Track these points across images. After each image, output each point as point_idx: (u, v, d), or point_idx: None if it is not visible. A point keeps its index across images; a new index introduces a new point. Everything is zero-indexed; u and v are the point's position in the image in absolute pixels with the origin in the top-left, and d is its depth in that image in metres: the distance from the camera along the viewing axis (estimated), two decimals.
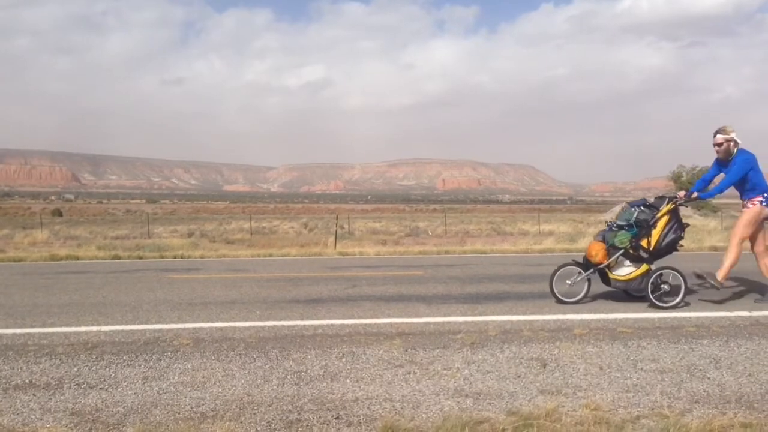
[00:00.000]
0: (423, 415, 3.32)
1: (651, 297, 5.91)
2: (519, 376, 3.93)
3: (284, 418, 3.30)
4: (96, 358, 4.43)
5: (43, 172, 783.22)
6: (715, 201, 45.27)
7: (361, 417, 3.29)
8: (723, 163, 6.20)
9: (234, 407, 3.46)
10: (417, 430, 3.11)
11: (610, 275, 6.13)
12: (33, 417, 3.38)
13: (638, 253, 6.06)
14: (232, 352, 4.51)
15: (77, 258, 13.27)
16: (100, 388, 3.81)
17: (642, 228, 6.05)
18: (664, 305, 5.89)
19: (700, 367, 4.07)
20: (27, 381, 3.97)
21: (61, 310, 6.36)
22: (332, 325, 5.43)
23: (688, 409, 3.36)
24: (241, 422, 3.24)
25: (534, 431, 3.03)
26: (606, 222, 6.46)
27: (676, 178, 44.17)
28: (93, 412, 3.43)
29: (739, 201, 6.26)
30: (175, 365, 4.24)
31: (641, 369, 4.05)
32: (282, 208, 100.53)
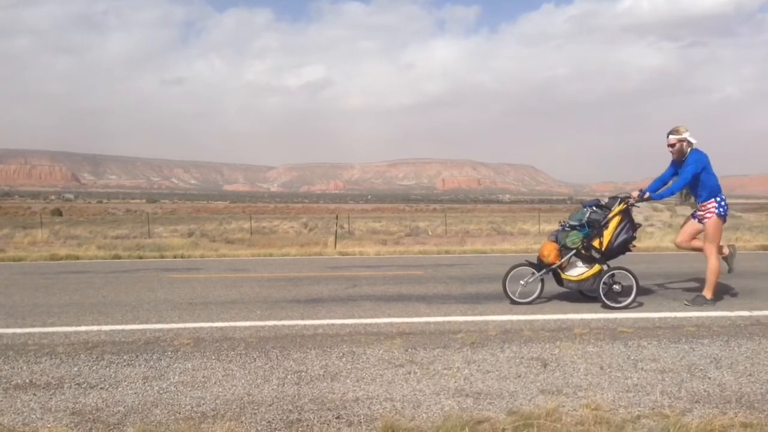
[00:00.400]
0: (423, 414, 3.32)
1: (603, 297, 5.90)
2: (519, 376, 3.93)
3: (285, 417, 3.30)
4: (96, 357, 4.42)
5: (42, 172, 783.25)
6: None
7: (362, 417, 3.29)
8: (678, 164, 6.21)
9: (234, 407, 3.46)
10: (417, 430, 3.11)
11: (563, 276, 6.12)
12: (33, 417, 3.38)
13: (590, 254, 6.06)
14: (232, 352, 4.51)
15: (77, 258, 13.27)
16: (101, 388, 3.81)
17: (594, 228, 6.04)
18: (617, 305, 5.89)
19: (701, 367, 4.07)
20: (27, 381, 3.97)
21: (62, 309, 6.36)
22: (332, 324, 5.43)
23: (689, 408, 3.36)
24: (242, 422, 3.24)
25: (534, 431, 3.03)
26: (560, 222, 6.45)
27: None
28: (93, 411, 3.43)
29: (740, 201, 6.26)
30: (176, 365, 4.24)
31: (642, 369, 4.04)
32: (282, 208, 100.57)
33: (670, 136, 6.11)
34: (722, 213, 6.06)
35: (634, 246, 6.29)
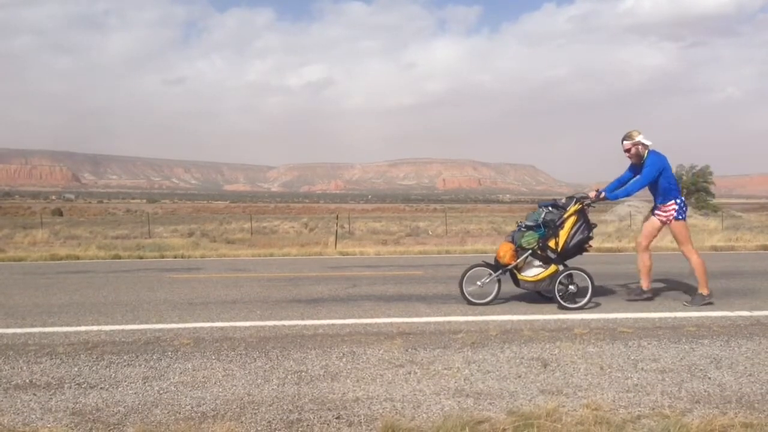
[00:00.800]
0: (423, 414, 3.32)
1: (558, 298, 5.90)
2: (519, 376, 3.93)
3: (285, 417, 3.30)
4: (96, 357, 4.43)
5: (43, 172, 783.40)
6: (715, 201, 45.29)
7: (362, 417, 3.29)
8: (637, 167, 6.21)
9: (234, 407, 3.46)
10: (417, 430, 3.11)
11: (519, 276, 6.11)
12: (34, 417, 3.38)
13: (546, 254, 6.04)
14: (232, 352, 4.51)
15: (77, 258, 13.28)
16: (101, 388, 3.81)
17: (549, 228, 6.03)
18: (572, 306, 5.88)
19: (701, 367, 4.07)
20: (27, 381, 3.97)
21: (62, 309, 6.37)
22: (333, 324, 5.43)
23: (689, 409, 3.36)
24: (242, 422, 3.24)
25: (534, 431, 3.02)
26: (517, 222, 6.43)
27: (676, 178, 44.20)
28: (93, 411, 3.43)
29: (741, 201, 6.29)
30: (176, 365, 4.24)
31: (642, 369, 4.04)
32: (282, 208, 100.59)
33: (624, 142, 6.13)
34: (682, 217, 6.06)
35: (591, 246, 6.27)
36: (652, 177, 6.01)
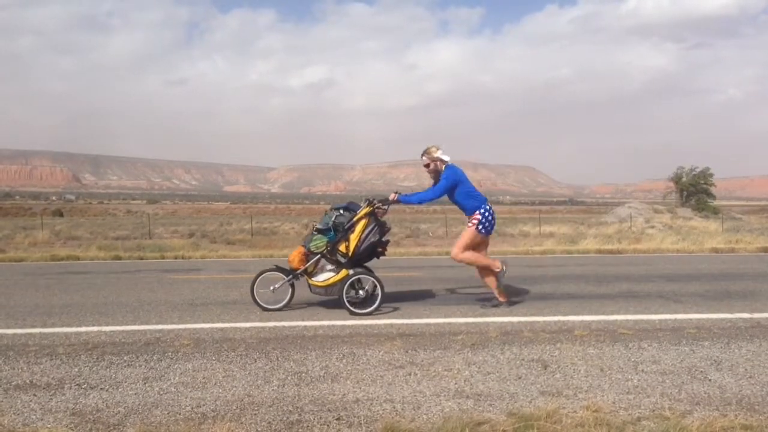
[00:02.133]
0: (424, 416, 3.32)
1: (346, 303, 5.80)
2: (520, 378, 3.93)
3: (285, 418, 3.30)
4: (97, 358, 4.43)
5: (44, 173, 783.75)
6: (715, 203, 45.25)
7: (362, 418, 3.29)
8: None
9: (234, 408, 3.46)
10: (417, 431, 3.11)
11: (309, 281, 6.01)
12: (34, 417, 3.38)
13: (336, 258, 5.95)
14: (232, 353, 4.51)
15: (78, 258, 13.29)
16: (101, 389, 3.81)
17: (339, 232, 5.93)
18: (360, 312, 5.80)
19: (701, 369, 4.07)
20: (28, 381, 3.97)
21: (62, 310, 6.37)
22: (333, 325, 5.43)
23: (689, 410, 3.36)
24: (242, 423, 3.24)
25: None
26: (312, 225, 6.30)
27: (676, 179, 44.15)
28: (94, 412, 3.43)
29: (741, 203, 6.25)
30: (176, 366, 4.24)
31: (642, 371, 4.04)
32: (283, 209, 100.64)
33: (423, 157, 6.04)
34: (482, 228, 5.93)
35: (386, 250, 6.18)
36: (446, 188, 5.91)
